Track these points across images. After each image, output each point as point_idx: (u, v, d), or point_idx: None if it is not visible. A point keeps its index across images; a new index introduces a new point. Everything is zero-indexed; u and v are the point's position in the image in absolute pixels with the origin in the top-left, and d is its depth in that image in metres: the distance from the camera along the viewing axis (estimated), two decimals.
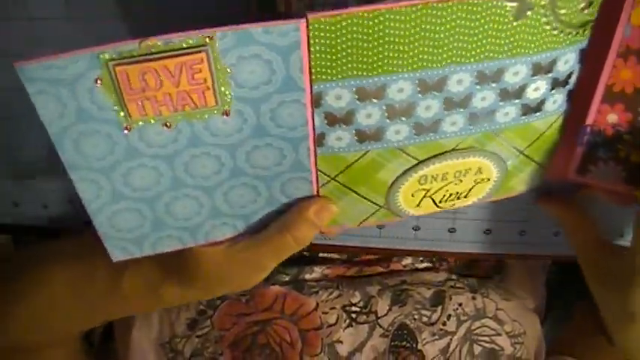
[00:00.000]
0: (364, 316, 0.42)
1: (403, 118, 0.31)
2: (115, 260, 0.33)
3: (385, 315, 0.42)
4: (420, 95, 0.30)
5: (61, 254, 0.41)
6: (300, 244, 0.33)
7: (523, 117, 0.33)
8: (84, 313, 0.40)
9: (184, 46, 0.26)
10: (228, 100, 0.28)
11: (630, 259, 0.33)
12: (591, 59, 0.32)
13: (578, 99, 0.34)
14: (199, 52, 0.26)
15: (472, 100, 0.31)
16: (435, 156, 0.33)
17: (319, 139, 0.31)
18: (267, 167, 0.31)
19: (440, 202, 0.35)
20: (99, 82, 0.26)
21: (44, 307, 0.40)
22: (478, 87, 0.31)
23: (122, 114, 0.27)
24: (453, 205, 0.36)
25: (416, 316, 0.42)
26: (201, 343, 0.41)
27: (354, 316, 0.42)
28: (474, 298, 0.44)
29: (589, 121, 0.34)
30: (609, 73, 0.32)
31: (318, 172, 0.32)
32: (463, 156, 0.33)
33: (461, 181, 0.35)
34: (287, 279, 0.43)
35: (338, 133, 0.31)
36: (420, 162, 0.33)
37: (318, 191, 0.33)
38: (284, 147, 0.31)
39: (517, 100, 0.32)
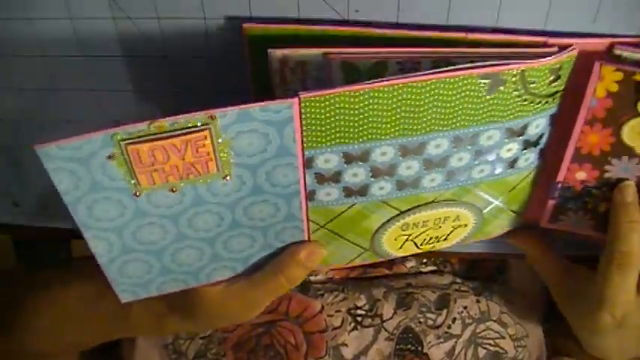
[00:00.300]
0: (369, 320, 0.42)
1: (386, 177, 0.34)
2: (123, 302, 0.36)
3: (390, 318, 0.42)
4: (401, 158, 0.33)
5: (78, 272, 0.43)
6: (292, 283, 0.36)
7: (496, 173, 0.36)
8: (94, 328, 0.42)
9: (189, 125, 0.29)
10: (229, 167, 0.31)
11: (594, 289, 0.36)
12: (562, 123, 0.35)
13: (550, 157, 0.37)
14: (203, 130, 0.29)
15: (449, 160, 0.34)
16: (416, 207, 0.36)
17: (310, 195, 0.34)
18: (263, 219, 0.35)
19: (421, 244, 0.39)
20: (111, 158, 0.29)
21: (59, 321, 0.42)
22: (455, 149, 0.34)
23: (132, 182, 0.30)
24: (434, 247, 0.40)
25: (421, 320, 0.42)
26: (205, 345, 0.43)
27: (359, 319, 0.42)
28: (478, 301, 0.45)
29: (559, 178, 0.37)
30: (577, 137, 0.35)
31: (310, 222, 0.36)
32: (442, 206, 0.37)
33: (440, 227, 0.38)
34: None
35: (327, 189, 0.34)
36: (402, 212, 0.36)
37: (309, 237, 0.37)
38: (278, 202, 0.34)
39: (491, 159, 0.35)
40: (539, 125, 0.35)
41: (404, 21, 0.34)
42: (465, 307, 0.44)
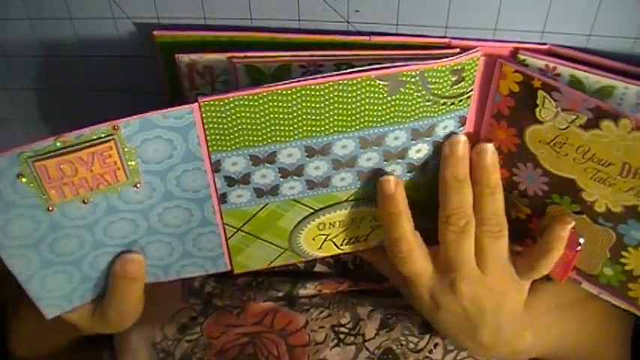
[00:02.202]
0: (352, 338, 0.43)
1: (295, 177, 0.35)
2: (48, 318, 0.36)
3: (372, 338, 0.43)
4: (308, 158, 0.34)
5: None
6: (128, 300, 0.37)
7: (409, 174, 0.37)
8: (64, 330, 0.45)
9: (94, 137, 0.30)
10: (138, 174, 0.32)
11: None
12: (476, 121, 0.36)
13: None
14: (108, 140, 0.30)
15: (358, 161, 0.35)
16: (329, 206, 0.37)
17: (222, 198, 0.35)
18: (178, 225, 0.35)
19: (341, 244, 0.40)
20: (20, 176, 0.29)
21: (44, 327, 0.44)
22: (362, 150, 0.35)
23: (44, 197, 0.31)
24: (356, 248, 0.40)
25: (403, 342, 0.43)
26: (191, 348, 0.43)
27: (342, 336, 0.43)
28: None
29: None
30: (487, 129, 0.36)
31: (225, 225, 0.37)
32: (357, 206, 0.37)
33: (358, 227, 0.39)
34: (280, 295, 0.44)
35: (238, 191, 0.35)
36: (316, 211, 0.37)
37: (227, 241, 0.37)
38: (191, 207, 0.35)
39: (401, 160, 0.36)
40: (447, 126, 0.35)
41: (404, 22, 0.34)
42: None
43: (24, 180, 0.30)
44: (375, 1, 0.34)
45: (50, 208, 0.32)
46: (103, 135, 0.30)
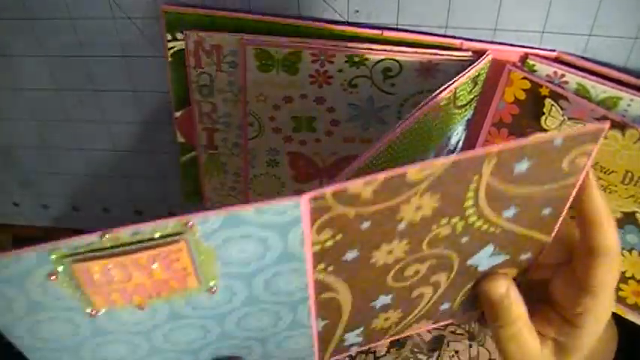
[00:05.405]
0: (363, 355, 0.43)
1: None
2: None
3: (383, 356, 0.42)
4: None
5: None
6: None
7: None
8: None
9: (157, 236, 0.21)
10: (215, 278, 0.24)
11: None
12: (476, 127, 0.36)
13: None
14: (177, 241, 0.22)
15: None
16: None
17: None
18: (262, 329, 0.28)
19: None
20: (53, 277, 0.22)
21: None
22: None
23: (85, 303, 0.23)
24: None
25: None
26: None
27: (353, 354, 0.42)
28: (470, 346, 0.45)
29: None
30: (485, 137, 0.36)
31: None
32: None
33: None
34: None
35: None
36: None
37: (318, 343, 0.31)
38: (280, 310, 0.27)
39: None
40: (457, 133, 0.35)
41: (404, 22, 0.34)
42: (457, 352, 0.44)
43: (58, 281, 0.22)
44: (375, 1, 0.34)
45: (93, 313, 0.24)
46: (170, 233, 0.22)
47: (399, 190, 0.24)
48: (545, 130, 0.34)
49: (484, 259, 0.30)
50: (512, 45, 0.34)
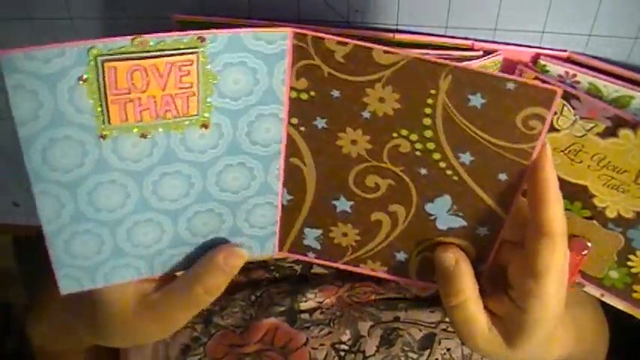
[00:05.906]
0: (352, 355, 0.42)
1: None
2: (63, 293, 0.32)
3: (372, 355, 0.42)
4: None
5: None
6: (212, 294, 0.32)
7: None
8: None
9: (176, 46, 0.27)
10: (209, 110, 0.29)
11: None
12: None
13: None
14: (191, 53, 0.27)
15: None
16: None
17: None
18: (235, 191, 0.32)
19: None
20: (82, 80, 0.26)
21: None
22: None
23: (100, 119, 0.27)
24: None
25: (402, 359, 0.42)
26: None
27: (342, 354, 0.42)
28: (462, 344, 0.44)
29: None
30: None
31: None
32: None
33: None
34: (282, 309, 0.43)
35: None
36: None
37: (282, 217, 0.34)
38: (255, 167, 0.32)
39: None
40: None
41: (403, 22, 0.34)
42: (448, 350, 0.43)
43: (86, 86, 0.26)
44: (375, 1, 0.34)
45: (104, 134, 0.28)
46: (186, 45, 0.27)
47: (366, 68, 0.29)
48: (556, 130, 0.34)
49: (442, 212, 0.32)
50: (523, 45, 0.34)
